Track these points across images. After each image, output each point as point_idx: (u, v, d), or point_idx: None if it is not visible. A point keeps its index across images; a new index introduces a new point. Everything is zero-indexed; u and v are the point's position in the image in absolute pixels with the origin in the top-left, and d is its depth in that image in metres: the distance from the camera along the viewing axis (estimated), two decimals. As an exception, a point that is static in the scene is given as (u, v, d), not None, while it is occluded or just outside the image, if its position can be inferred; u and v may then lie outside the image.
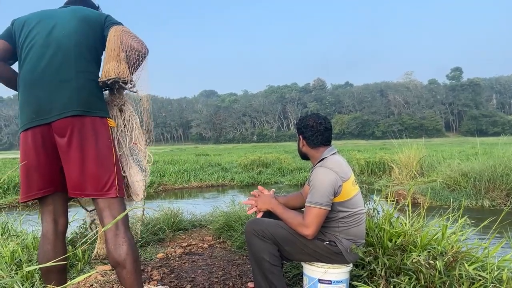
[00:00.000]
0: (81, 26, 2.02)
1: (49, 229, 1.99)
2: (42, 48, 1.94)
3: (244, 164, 14.78)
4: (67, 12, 2.08)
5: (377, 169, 11.58)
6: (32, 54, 1.95)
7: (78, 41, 1.98)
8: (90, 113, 1.91)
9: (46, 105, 1.87)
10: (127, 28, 2.10)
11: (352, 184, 2.25)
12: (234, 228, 3.95)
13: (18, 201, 1.79)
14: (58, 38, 1.96)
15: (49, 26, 1.99)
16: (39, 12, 2.12)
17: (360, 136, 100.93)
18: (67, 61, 1.93)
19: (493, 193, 7.00)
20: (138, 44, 2.02)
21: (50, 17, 2.05)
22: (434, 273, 2.09)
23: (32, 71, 1.92)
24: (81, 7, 2.16)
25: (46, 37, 1.96)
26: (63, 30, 1.98)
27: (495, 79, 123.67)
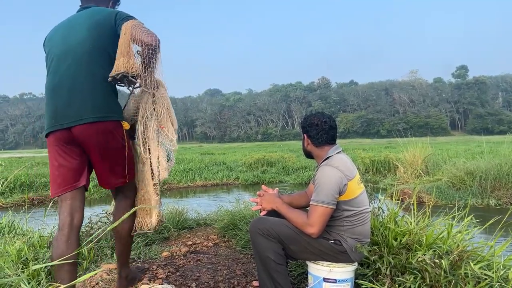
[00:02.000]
0: (92, 33, 2.13)
1: (65, 222, 2.10)
2: (60, 59, 2.12)
3: (248, 163, 14.79)
4: (81, 19, 2.20)
5: (382, 168, 11.54)
6: (53, 65, 2.14)
7: (89, 48, 2.10)
8: (104, 118, 2.08)
9: (63, 112, 2.05)
10: (138, 21, 2.16)
11: (357, 183, 2.24)
12: (239, 227, 3.95)
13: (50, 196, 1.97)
14: (72, 47, 2.11)
15: (64, 38, 2.16)
16: (59, 24, 2.30)
17: (365, 135, 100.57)
18: (80, 70, 2.07)
19: (499, 191, 6.97)
20: (148, 37, 2.07)
21: (67, 27, 2.22)
22: (439, 272, 2.08)
23: (52, 81, 2.11)
24: (95, 10, 2.26)
25: (61, 48, 2.13)
26: (76, 39, 2.12)
27: (501, 77, 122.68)
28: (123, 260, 2.48)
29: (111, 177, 2.24)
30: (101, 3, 2.40)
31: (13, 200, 8.73)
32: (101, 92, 2.10)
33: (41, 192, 9.61)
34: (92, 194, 9.77)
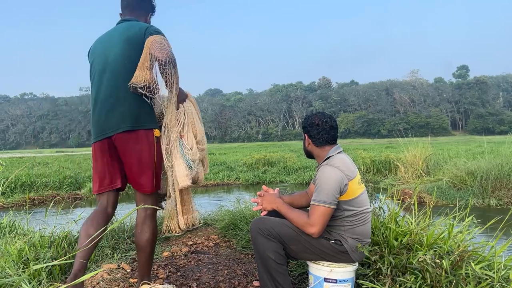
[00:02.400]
0: (125, 49, 2.35)
1: (98, 211, 2.39)
2: (100, 74, 2.38)
3: (249, 163, 14.80)
4: (117, 34, 2.42)
5: (382, 168, 11.53)
6: (95, 79, 2.40)
7: (124, 65, 2.33)
8: (137, 127, 2.32)
9: (105, 123, 2.32)
10: (159, 37, 2.34)
11: (357, 183, 2.24)
12: (240, 227, 3.95)
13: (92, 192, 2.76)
14: (110, 63, 2.35)
15: (103, 53, 2.40)
16: (100, 37, 2.53)
17: (365, 135, 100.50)
18: (117, 84, 2.32)
19: (500, 192, 6.96)
20: (160, 53, 2.23)
21: (106, 41, 2.45)
22: (440, 272, 2.08)
23: (95, 94, 2.39)
24: (129, 25, 2.45)
25: (103, 63, 2.38)
26: (113, 55, 2.36)
27: (502, 77, 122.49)
28: (143, 272, 2.46)
29: (141, 180, 2.39)
30: (140, 16, 2.62)
31: (14, 200, 8.73)
32: (134, 104, 2.32)
33: (41, 192, 9.62)
34: (92, 194, 9.77)
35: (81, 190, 10.20)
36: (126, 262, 3.24)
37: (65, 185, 10.40)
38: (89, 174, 12.22)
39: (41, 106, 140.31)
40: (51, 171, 12.50)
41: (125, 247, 3.59)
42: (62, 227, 3.57)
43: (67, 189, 10.17)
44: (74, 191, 10.18)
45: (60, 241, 3.21)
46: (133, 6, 2.60)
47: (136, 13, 2.61)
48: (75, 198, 9.46)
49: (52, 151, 63.53)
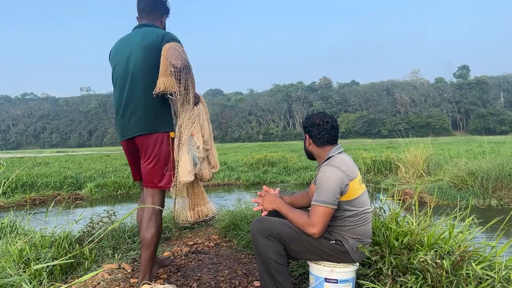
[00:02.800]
0: (145, 57, 2.51)
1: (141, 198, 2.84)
2: (122, 80, 2.57)
3: (250, 163, 14.79)
4: (136, 40, 2.58)
5: (383, 168, 11.51)
6: (118, 85, 2.61)
7: (144, 72, 2.51)
8: (155, 130, 2.54)
9: (127, 126, 2.57)
10: (174, 44, 2.47)
11: (358, 183, 2.24)
12: (240, 227, 3.95)
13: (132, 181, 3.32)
14: (131, 70, 2.53)
15: (124, 59, 2.57)
16: (117, 43, 2.71)
17: (366, 135, 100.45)
18: (137, 91, 2.52)
19: (500, 192, 6.96)
20: (176, 60, 2.35)
21: (125, 47, 2.62)
22: (441, 273, 2.07)
23: (118, 99, 2.61)
24: (146, 32, 2.60)
25: (124, 69, 2.57)
26: (133, 62, 2.53)
27: (503, 77, 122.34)
28: (145, 268, 2.54)
29: (155, 178, 2.60)
30: (156, 19, 2.78)
31: (14, 200, 8.73)
32: (153, 109, 2.53)
33: (42, 192, 9.62)
34: (93, 194, 9.78)
35: (81, 190, 10.20)
36: (126, 262, 3.24)
37: (66, 185, 10.40)
38: (89, 174, 12.25)
39: (42, 106, 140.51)
40: (52, 171, 12.50)
41: (126, 247, 3.59)
42: (63, 227, 3.57)
43: (67, 189, 10.17)
44: (75, 191, 10.18)
45: (61, 241, 3.21)
46: (149, 9, 2.74)
47: (152, 16, 2.76)
48: (76, 198, 9.46)
49: (53, 151, 63.64)
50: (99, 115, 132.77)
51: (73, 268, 3.10)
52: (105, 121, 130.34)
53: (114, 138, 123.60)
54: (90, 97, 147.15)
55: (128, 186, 10.60)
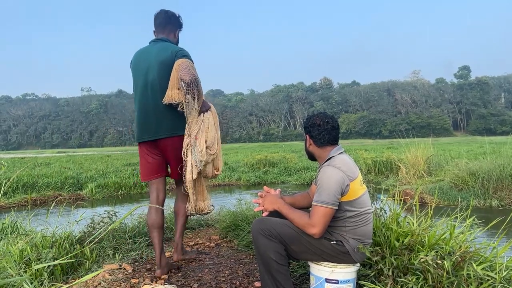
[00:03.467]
0: (161, 71, 2.91)
1: (153, 198, 3.08)
2: (143, 89, 2.98)
3: (250, 164, 14.79)
4: (153, 56, 2.96)
5: (384, 169, 11.50)
6: (138, 93, 3.02)
7: (161, 84, 2.90)
8: (172, 134, 2.95)
9: (149, 129, 2.97)
10: (185, 61, 2.85)
11: (359, 184, 2.24)
12: (241, 227, 3.96)
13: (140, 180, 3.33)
14: (150, 83, 2.94)
15: (144, 70, 2.98)
16: (137, 54, 3.10)
17: (367, 136, 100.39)
18: (156, 100, 2.91)
19: (501, 192, 6.95)
20: (185, 75, 2.74)
21: (144, 60, 3.01)
22: (442, 273, 2.07)
23: (139, 106, 3.01)
24: (162, 47, 2.98)
25: (144, 80, 2.97)
26: (152, 76, 2.94)
27: (504, 77, 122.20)
28: (180, 232, 3.24)
29: (173, 172, 3.10)
30: (170, 33, 3.16)
31: (15, 201, 8.74)
32: (171, 115, 2.93)
33: (43, 193, 9.63)
34: (94, 194, 9.79)
35: (82, 191, 10.21)
36: (127, 263, 3.24)
37: (67, 185, 10.41)
38: (90, 174, 12.25)
39: (43, 106, 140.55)
40: (53, 172, 12.52)
41: (127, 248, 3.59)
42: (63, 227, 3.57)
43: (68, 190, 10.17)
44: (75, 192, 10.18)
45: (61, 242, 3.21)
46: (164, 24, 3.13)
47: (166, 30, 3.15)
48: (77, 199, 9.47)
49: (54, 152, 63.72)
50: (100, 116, 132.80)
51: (74, 268, 3.10)
52: (106, 121, 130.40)
53: (115, 139, 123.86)
54: (91, 97, 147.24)
55: (129, 186, 10.60)
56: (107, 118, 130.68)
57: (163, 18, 3.13)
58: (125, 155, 30.35)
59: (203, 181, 3.19)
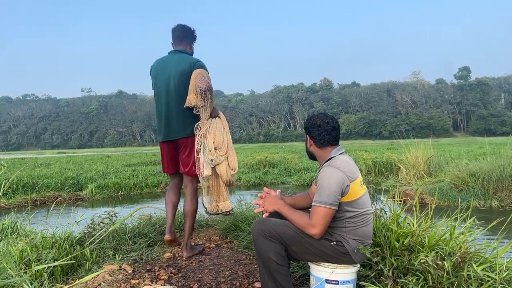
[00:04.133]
0: (180, 81, 3.30)
1: (173, 184, 3.66)
2: (164, 95, 3.39)
3: (250, 164, 14.78)
4: (173, 66, 3.35)
5: (384, 169, 11.49)
6: (160, 97, 3.42)
7: (180, 92, 3.32)
8: (188, 135, 3.38)
9: (170, 131, 3.41)
10: (202, 71, 3.28)
11: (359, 184, 2.24)
12: (241, 228, 3.96)
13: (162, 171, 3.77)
14: (170, 90, 3.35)
15: (166, 77, 3.37)
16: (158, 63, 3.49)
17: (367, 136, 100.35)
18: (175, 105, 3.34)
19: (501, 193, 6.95)
20: (202, 83, 3.18)
21: (164, 69, 3.40)
22: (442, 274, 2.07)
23: (160, 109, 3.43)
24: (180, 59, 3.36)
25: (165, 87, 3.37)
26: (173, 84, 3.33)
27: (504, 78, 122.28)
28: (189, 233, 3.53)
29: (191, 168, 3.41)
30: (186, 45, 3.52)
31: (15, 201, 8.74)
32: (188, 119, 3.36)
33: (43, 193, 9.62)
34: (94, 195, 9.79)
35: (82, 191, 10.21)
36: (127, 263, 3.24)
37: (67, 186, 10.41)
38: (90, 175, 12.25)
39: (43, 107, 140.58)
40: (53, 172, 12.52)
41: (127, 248, 3.59)
42: (63, 228, 3.57)
43: (68, 190, 10.17)
44: (75, 192, 10.18)
45: (61, 242, 3.21)
46: (181, 38, 3.51)
47: (183, 42, 3.51)
48: (77, 199, 9.46)
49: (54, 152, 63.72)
50: (100, 116, 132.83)
51: (74, 269, 3.09)
52: (106, 122, 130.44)
53: (115, 140, 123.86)
54: (91, 98, 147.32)
55: (129, 187, 10.61)
56: (107, 119, 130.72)
57: (180, 32, 3.51)
58: (125, 155, 30.35)
59: (221, 182, 3.55)
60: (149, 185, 10.95)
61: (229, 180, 3.54)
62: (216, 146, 3.37)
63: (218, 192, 3.57)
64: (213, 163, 3.35)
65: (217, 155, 3.38)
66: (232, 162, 3.54)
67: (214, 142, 3.37)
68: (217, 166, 3.43)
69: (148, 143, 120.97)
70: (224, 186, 3.58)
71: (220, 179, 3.52)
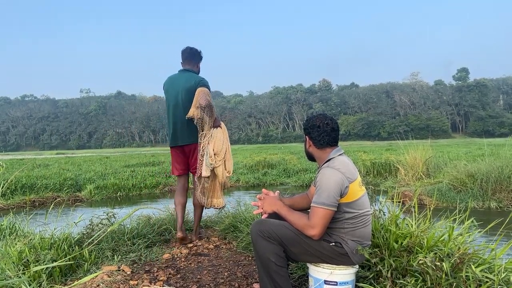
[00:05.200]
0: (187, 96, 3.85)
1: (180, 187, 4.13)
2: (174, 108, 3.94)
3: (249, 165, 14.78)
4: (182, 83, 3.90)
5: (383, 170, 11.49)
6: (169, 109, 4.00)
7: (185, 107, 3.83)
8: (192, 141, 3.92)
9: (178, 138, 3.96)
10: (204, 89, 3.81)
11: (358, 185, 2.24)
12: (240, 229, 3.95)
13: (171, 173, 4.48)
14: (179, 103, 3.89)
15: (174, 93, 3.93)
16: (169, 80, 4.05)
17: (365, 137, 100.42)
18: (182, 117, 3.86)
19: (500, 194, 6.95)
20: (202, 100, 3.71)
21: (175, 85, 3.95)
22: (440, 275, 2.08)
23: (171, 119, 3.99)
24: (188, 78, 3.91)
25: (174, 101, 3.94)
26: (181, 98, 3.88)
27: (502, 79, 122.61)
28: (197, 221, 4.16)
29: (198, 169, 3.86)
30: (194, 64, 4.06)
31: (14, 202, 8.72)
32: (192, 128, 3.86)
33: (42, 194, 9.61)
34: (93, 196, 9.77)
35: (81, 192, 10.19)
36: (126, 264, 3.24)
37: (66, 187, 10.39)
38: (89, 176, 12.22)
39: (42, 108, 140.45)
40: (52, 173, 12.50)
41: (125, 249, 3.58)
42: (62, 229, 3.57)
43: (67, 191, 10.15)
44: (74, 193, 10.16)
45: (60, 243, 3.20)
46: (189, 59, 4.05)
47: (192, 63, 4.05)
48: (75, 200, 9.44)
49: (52, 153, 63.59)
50: (98, 117, 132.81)
51: (72, 270, 3.09)
52: (104, 123, 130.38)
53: (114, 140, 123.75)
54: (89, 99, 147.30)
55: (128, 188, 10.60)
56: (106, 120, 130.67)
57: (188, 53, 4.05)
58: (124, 156, 30.32)
59: (217, 182, 3.97)
60: (148, 186, 10.94)
61: (224, 181, 4.00)
62: (215, 152, 3.83)
63: (214, 190, 3.99)
64: (212, 166, 3.80)
65: (216, 160, 3.83)
66: (228, 166, 4.00)
67: (214, 149, 3.83)
68: (215, 169, 3.86)
69: (147, 144, 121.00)
70: (220, 185, 4.00)
71: (216, 180, 3.95)
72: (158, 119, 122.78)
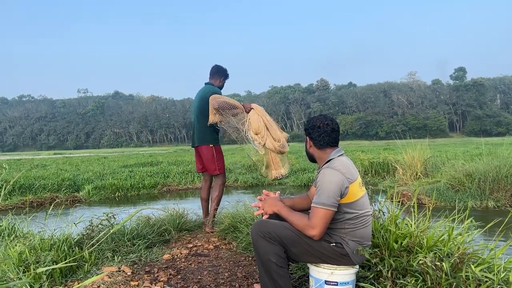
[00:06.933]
0: (200, 104, 4.50)
1: (204, 184, 4.79)
2: (193, 113, 4.65)
3: (248, 165, 14.77)
4: (199, 93, 4.58)
5: (381, 170, 11.47)
6: (192, 115, 4.71)
7: (197, 114, 4.56)
8: (202, 143, 4.56)
9: (193, 140, 4.67)
10: (215, 95, 4.33)
11: (358, 186, 2.25)
12: (240, 229, 3.96)
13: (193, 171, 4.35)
14: (196, 110, 4.56)
15: (195, 102, 4.62)
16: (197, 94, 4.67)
17: (363, 137, 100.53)
18: (197, 122, 4.56)
19: (497, 193, 6.97)
20: (213, 104, 4.26)
21: (196, 95, 4.65)
22: (440, 275, 2.09)
23: (192, 124, 4.69)
24: (205, 89, 4.57)
25: (193, 108, 4.69)
26: (197, 106, 4.53)
27: (499, 79, 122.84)
28: (212, 214, 4.54)
29: (210, 169, 4.57)
30: (216, 79, 4.71)
31: (12, 203, 8.69)
32: (205, 132, 4.53)
33: (40, 195, 9.58)
34: (91, 196, 9.76)
35: (79, 193, 10.16)
36: (126, 265, 3.24)
37: (64, 187, 10.35)
38: (87, 176, 12.18)
39: (39, 108, 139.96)
40: (49, 173, 12.45)
41: (126, 250, 3.58)
42: (62, 229, 3.56)
43: (65, 191, 10.12)
44: (72, 193, 10.13)
45: (60, 244, 3.20)
46: (213, 74, 4.72)
47: (214, 78, 4.71)
48: (74, 201, 9.42)
49: (50, 153, 63.34)
50: (96, 117, 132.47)
51: (72, 271, 3.09)
52: (102, 123, 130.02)
53: (111, 140, 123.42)
54: (87, 99, 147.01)
55: (126, 188, 10.58)
56: (104, 120, 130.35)
57: (214, 69, 4.71)
58: (121, 156, 30.24)
59: (273, 154, 4.31)
60: (146, 186, 10.92)
61: (278, 149, 4.24)
62: (255, 132, 4.23)
63: (275, 162, 4.36)
64: (260, 144, 4.23)
65: (259, 138, 4.22)
66: (275, 135, 4.29)
67: (253, 130, 4.24)
68: (266, 144, 4.23)
69: (145, 144, 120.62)
70: (277, 156, 4.34)
71: (271, 152, 4.29)
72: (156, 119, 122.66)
